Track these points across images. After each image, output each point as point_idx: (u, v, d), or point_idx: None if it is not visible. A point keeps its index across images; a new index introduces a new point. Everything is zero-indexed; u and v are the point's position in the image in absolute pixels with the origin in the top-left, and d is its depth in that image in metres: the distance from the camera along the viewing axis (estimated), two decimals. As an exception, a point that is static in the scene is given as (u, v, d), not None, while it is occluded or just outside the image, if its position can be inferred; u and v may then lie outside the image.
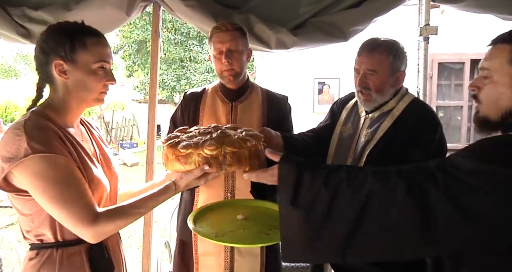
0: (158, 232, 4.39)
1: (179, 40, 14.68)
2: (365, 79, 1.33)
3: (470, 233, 0.74)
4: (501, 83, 0.85)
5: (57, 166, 0.92)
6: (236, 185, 1.50)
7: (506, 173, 0.72)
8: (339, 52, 3.43)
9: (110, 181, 1.13)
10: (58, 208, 0.93)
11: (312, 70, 4.87)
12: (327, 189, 0.85)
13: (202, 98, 1.58)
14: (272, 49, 2.01)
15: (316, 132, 1.59)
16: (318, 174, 0.89)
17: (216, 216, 1.21)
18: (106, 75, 1.05)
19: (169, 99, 15.83)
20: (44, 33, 1.03)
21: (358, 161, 1.34)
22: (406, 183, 0.79)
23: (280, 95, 1.65)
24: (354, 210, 0.81)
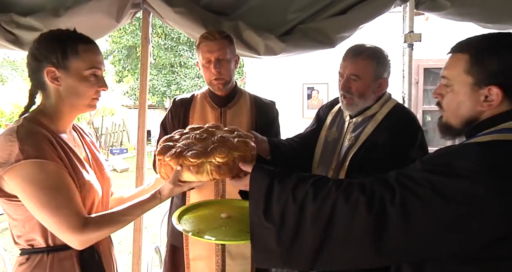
0: (148, 238, 4.35)
1: (169, 45, 14.66)
2: (348, 83, 1.36)
3: (417, 244, 0.77)
4: (460, 92, 0.86)
5: (48, 172, 0.93)
6: (226, 190, 1.52)
7: (445, 182, 0.75)
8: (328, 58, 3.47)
9: (103, 186, 1.14)
10: (47, 214, 0.93)
11: (301, 76, 4.93)
12: (295, 202, 0.88)
13: (191, 104, 1.60)
14: (261, 56, 2.03)
15: (302, 137, 1.62)
16: (287, 186, 0.90)
17: (201, 215, 1.23)
18: (98, 81, 1.06)
19: (159, 105, 15.76)
20: (37, 41, 1.04)
21: (342, 165, 1.37)
22: (366, 199, 0.81)
23: (267, 100, 1.68)
24: (320, 229, 0.84)
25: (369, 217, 0.79)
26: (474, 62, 0.84)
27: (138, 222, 2.16)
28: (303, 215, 0.87)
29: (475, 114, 0.86)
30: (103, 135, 13.04)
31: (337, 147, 1.45)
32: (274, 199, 0.91)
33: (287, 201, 0.89)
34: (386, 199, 0.79)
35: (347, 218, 0.81)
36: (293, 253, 0.88)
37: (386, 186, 0.81)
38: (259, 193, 0.93)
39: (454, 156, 0.79)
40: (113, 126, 14.23)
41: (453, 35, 1.02)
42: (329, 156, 1.46)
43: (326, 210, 0.84)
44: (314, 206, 0.85)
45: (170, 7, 1.85)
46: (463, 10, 1.86)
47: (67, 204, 0.94)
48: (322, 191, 0.87)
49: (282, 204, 0.90)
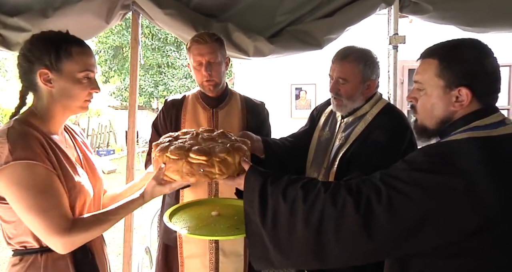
0: (137, 239, 4.32)
1: (157, 45, 14.52)
2: (337, 86, 1.40)
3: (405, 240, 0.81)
4: (433, 95, 0.92)
5: (37, 174, 0.92)
6: (219, 189, 1.54)
7: (428, 177, 0.79)
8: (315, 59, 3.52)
9: (94, 187, 1.15)
10: (33, 216, 0.92)
11: (289, 76, 4.97)
12: (285, 203, 0.92)
13: (183, 105, 1.61)
14: (250, 57, 2.06)
15: (296, 137, 1.65)
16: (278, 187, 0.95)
17: (192, 213, 1.25)
18: (90, 83, 1.07)
19: (147, 105, 15.60)
20: (29, 42, 1.03)
21: (332, 164, 1.40)
22: (353, 199, 0.85)
23: (257, 101, 1.71)
24: (313, 231, 0.87)
25: (357, 216, 0.83)
26: (444, 66, 0.89)
27: (128, 223, 2.16)
28: (294, 216, 0.90)
29: (448, 114, 0.92)
30: (89, 136, 12.84)
31: (329, 147, 1.47)
32: (267, 199, 0.95)
33: (278, 202, 0.93)
34: (372, 199, 0.83)
35: (336, 219, 0.85)
36: (289, 253, 0.92)
37: (371, 186, 0.86)
38: (253, 193, 0.98)
39: (435, 153, 0.84)
40: (99, 127, 14.02)
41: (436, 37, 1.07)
42: (322, 155, 1.49)
43: (316, 212, 0.88)
44: (304, 209, 0.89)
45: (160, 8, 1.87)
46: (444, 14, 1.93)
47: (54, 206, 0.94)
48: (311, 193, 0.91)
49: (274, 204, 0.94)
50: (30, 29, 1.82)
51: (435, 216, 0.78)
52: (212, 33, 1.54)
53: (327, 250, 0.87)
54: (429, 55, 0.94)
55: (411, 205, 0.80)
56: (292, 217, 0.91)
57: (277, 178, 0.98)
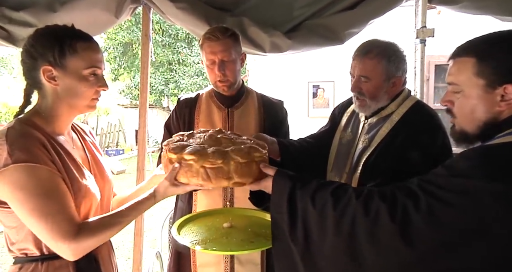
0: (147, 242, 4.35)
1: (167, 42, 14.67)
2: (359, 84, 1.34)
3: (449, 250, 0.77)
4: (473, 96, 0.88)
5: (39, 177, 0.91)
6: (235, 194, 1.52)
7: (470, 183, 0.75)
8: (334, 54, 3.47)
9: (103, 189, 1.14)
10: (37, 221, 0.91)
11: (306, 74, 4.93)
12: (314, 209, 0.91)
13: (196, 104, 1.59)
14: (266, 53, 2.03)
15: (315, 138, 1.60)
16: (307, 192, 0.94)
17: (202, 224, 1.23)
18: (98, 81, 1.05)
19: (157, 104, 15.78)
20: (32, 37, 1.02)
21: (355, 169, 1.35)
22: (388, 207, 0.82)
23: (275, 99, 1.68)
24: (344, 240, 0.86)
25: (393, 225, 0.79)
26: (483, 64, 0.85)
27: (138, 226, 2.16)
28: (324, 223, 0.89)
29: (492, 116, 0.87)
30: (98, 136, 13.06)
31: (351, 150, 1.42)
32: (296, 204, 0.94)
33: (307, 208, 0.92)
34: (409, 206, 0.80)
35: (370, 228, 0.82)
36: (319, 264, 0.90)
37: (408, 193, 0.82)
38: (281, 197, 0.96)
39: (480, 159, 0.80)
40: (108, 126, 14.23)
41: (466, 30, 1.02)
42: (343, 159, 1.44)
43: (347, 220, 0.85)
44: (334, 216, 0.87)
45: (171, 2, 1.86)
46: (480, 2, 1.83)
47: (59, 210, 0.93)
48: (342, 200, 0.89)
49: (303, 211, 0.92)
50: (37, 24, 1.83)
51: (486, 225, 0.74)
52: (226, 28, 1.50)
53: (362, 260, 0.84)
54: (463, 53, 0.90)
55: (455, 213, 0.76)
56: (322, 224, 0.89)
57: (307, 182, 0.97)
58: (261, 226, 1.21)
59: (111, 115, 16.90)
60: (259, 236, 1.13)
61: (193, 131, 1.21)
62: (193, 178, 1.02)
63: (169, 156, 1.07)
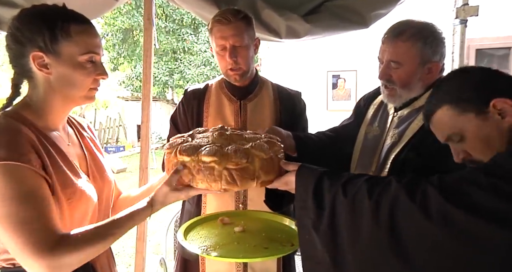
0: (149, 248, 4.40)
1: (171, 28, 14.72)
2: (388, 71, 1.30)
3: None
4: (477, 131, 0.92)
5: (19, 178, 0.88)
6: (248, 195, 1.52)
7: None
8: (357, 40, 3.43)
9: (101, 191, 1.13)
10: (8, 229, 0.86)
11: (325, 62, 4.89)
12: (345, 197, 0.90)
13: (205, 96, 1.59)
14: (282, 39, 2.02)
15: (337, 132, 1.58)
16: (337, 181, 0.94)
17: (212, 228, 1.23)
18: (95, 68, 1.03)
19: (161, 96, 15.89)
20: (17, 19, 0.98)
21: (382, 167, 1.32)
22: (438, 188, 0.81)
23: (293, 90, 1.66)
24: (385, 231, 0.84)
25: (448, 205, 0.78)
26: (459, 104, 0.93)
27: (141, 230, 2.19)
28: (358, 213, 0.88)
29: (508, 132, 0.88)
30: (96, 131, 13.26)
31: (378, 146, 1.39)
32: (323, 195, 0.94)
33: (336, 197, 0.92)
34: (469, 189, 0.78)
35: (415, 214, 0.81)
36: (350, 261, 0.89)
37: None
38: (306, 189, 0.97)
39: None
40: (107, 121, 14.42)
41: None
42: (369, 156, 1.41)
43: (386, 206, 0.84)
44: (370, 204, 0.87)
45: (177, -18, 1.86)
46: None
47: (36, 218, 0.88)
48: (379, 186, 0.88)
49: (332, 201, 0.92)
50: (23, 4, 1.79)
51: None
52: (237, 10, 1.49)
53: (410, 256, 0.82)
54: (437, 108, 0.96)
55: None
56: (356, 214, 0.88)
57: (335, 173, 0.97)
58: (276, 231, 1.20)
59: (110, 108, 17.11)
60: (274, 242, 1.12)
61: (191, 131, 1.20)
62: (215, 183, 1.00)
63: (180, 160, 1.04)
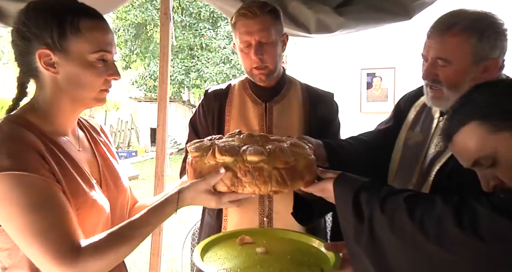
0: (164, 263, 4.43)
1: (187, 22, 14.95)
2: (434, 69, 1.26)
3: None
4: None
5: (30, 188, 0.90)
6: (274, 207, 1.51)
7: None
8: (396, 34, 3.39)
9: (115, 200, 1.15)
10: (28, 240, 0.90)
11: (358, 58, 4.84)
12: (383, 214, 0.92)
13: (227, 97, 1.60)
14: (312, 34, 2.02)
15: (372, 137, 1.56)
16: (375, 195, 0.95)
17: (232, 248, 1.23)
18: (107, 68, 1.04)
19: (176, 97, 16.12)
20: (23, 13, 0.99)
21: (424, 180, 1.30)
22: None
23: (324, 92, 1.66)
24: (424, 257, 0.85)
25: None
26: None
27: (155, 244, 2.22)
28: (397, 233, 0.89)
29: None
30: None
31: (421, 154, 1.36)
32: (362, 208, 0.96)
33: (374, 213, 0.93)
34: None
35: (469, 240, 0.79)
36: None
37: None
38: (346, 201, 0.99)
39: None
40: (118, 124, 14.72)
41: None
42: (409, 166, 1.38)
43: (431, 231, 0.84)
44: (411, 224, 0.87)
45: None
46: None
47: (55, 226, 0.91)
48: (420, 206, 0.88)
49: (370, 216, 0.94)
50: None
51: None
52: (264, 2, 1.49)
53: None
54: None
55: None
56: (396, 234, 0.89)
57: (375, 187, 0.99)
58: (303, 253, 1.19)
59: (122, 110, 17.44)
60: (301, 266, 1.11)
61: (209, 137, 1.20)
62: (264, 185, 1.02)
63: (220, 161, 1.05)
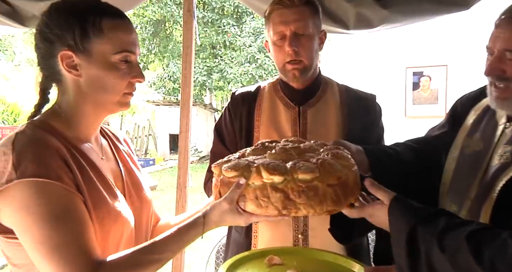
0: (185, 284, 4.48)
1: (210, 18, 15.10)
2: (501, 64, 1.22)
3: None
4: None
5: (51, 197, 0.93)
6: (309, 223, 1.50)
7: None
8: (448, 26, 3.32)
9: (140, 213, 1.18)
10: (43, 254, 0.92)
11: (402, 55, 4.77)
12: (444, 254, 0.91)
13: (256, 100, 1.61)
14: (350, 30, 2.01)
15: (423, 144, 1.53)
16: (432, 230, 0.95)
17: (258, 269, 1.22)
18: (131, 70, 1.08)
19: (197, 100, 16.27)
20: (46, 15, 1.05)
21: (487, 195, 1.26)
22: None
23: (365, 93, 1.65)
24: None
25: None
26: None
27: (177, 263, 2.24)
28: None
29: None
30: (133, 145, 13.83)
31: (481, 166, 1.33)
32: (418, 245, 0.95)
33: (431, 251, 0.92)
34: None
35: None
36: None
37: None
38: (400, 235, 0.99)
39: None
40: (135, 129, 14.98)
41: None
42: (466, 178, 1.35)
43: None
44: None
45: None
46: None
47: (74, 241, 0.94)
48: (487, 248, 0.87)
49: (427, 255, 0.93)
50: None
51: None
52: None
53: None
54: None
55: None
56: None
57: (431, 216, 0.98)
58: None
59: (139, 114, 17.74)
60: None
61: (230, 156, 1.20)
62: (320, 206, 1.01)
63: (269, 181, 1.03)
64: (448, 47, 4.42)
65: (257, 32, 14.87)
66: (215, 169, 1.15)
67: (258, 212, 1.02)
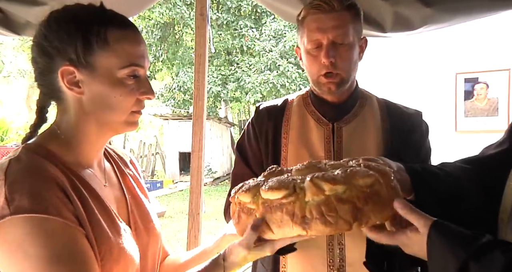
0: None
1: (224, 20, 15.24)
2: None
3: None
4: None
5: (49, 235, 0.93)
6: (346, 258, 1.49)
7: None
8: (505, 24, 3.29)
9: (146, 248, 1.18)
10: None
11: (451, 59, 4.73)
12: None
13: (284, 115, 1.62)
14: (387, 33, 2.02)
15: (477, 164, 1.51)
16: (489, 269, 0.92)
17: None
18: (139, 85, 1.09)
19: (211, 113, 16.32)
20: (44, 25, 1.05)
21: None
22: None
23: (409, 109, 1.65)
24: None
25: None
26: None
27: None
28: None
29: None
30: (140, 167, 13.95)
31: None
32: None
33: None
34: None
35: None
36: None
37: None
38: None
39: None
40: (140, 147, 15.07)
41: None
42: None
43: None
44: None
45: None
46: None
47: None
48: None
49: None
50: (46, 1, 1.87)
51: None
52: None
53: None
54: None
55: None
56: None
57: (486, 250, 0.95)
58: None
59: (144, 130, 17.88)
60: None
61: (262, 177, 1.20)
62: (386, 210, 1.03)
63: (333, 193, 1.00)
64: (509, 48, 4.36)
65: (278, 35, 14.93)
66: (233, 199, 1.15)
67: (327, 231, 0.99)
